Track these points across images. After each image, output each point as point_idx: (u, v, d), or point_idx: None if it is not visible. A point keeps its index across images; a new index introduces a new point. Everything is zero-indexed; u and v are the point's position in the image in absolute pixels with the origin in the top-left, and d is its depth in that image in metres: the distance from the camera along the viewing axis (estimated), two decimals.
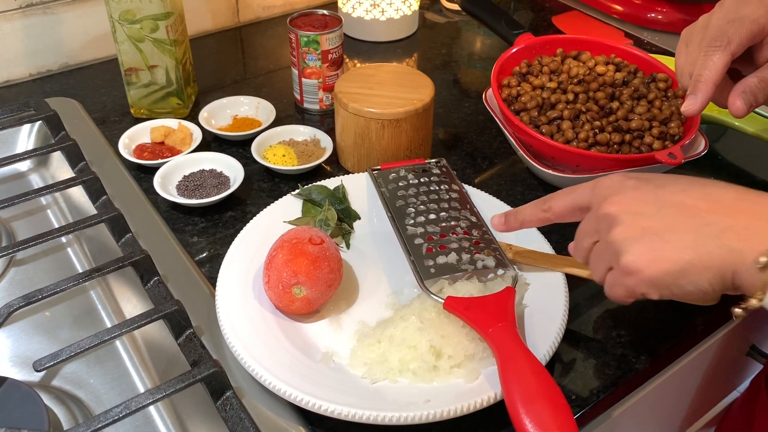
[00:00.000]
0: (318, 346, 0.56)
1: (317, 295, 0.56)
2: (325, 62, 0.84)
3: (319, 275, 0.56)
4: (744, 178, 0.78)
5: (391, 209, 0.63)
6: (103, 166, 0.76)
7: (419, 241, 0.60)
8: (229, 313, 0.56)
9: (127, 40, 0.79)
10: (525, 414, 0.45)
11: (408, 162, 0.70)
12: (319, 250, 0.57)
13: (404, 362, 0.53)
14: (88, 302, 0.66)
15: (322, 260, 0.56)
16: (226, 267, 0.60)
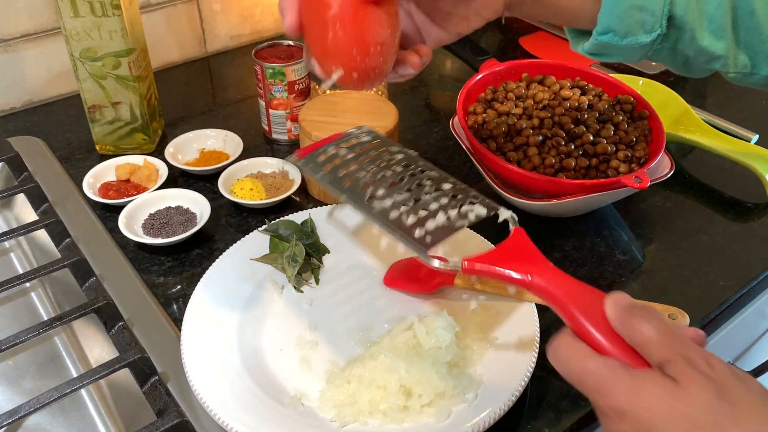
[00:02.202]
0: (287, 388, 0.55)
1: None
2: (291, 93, 0.83)
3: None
4: (711, 196, 0.78)
5: (343, 192, 0.53)
6: (67, 206, 0.75)
7: (395, 213, 0.51)
8: (195, 359, 0.55)
9: (90, 78, 0.78)
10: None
11: (329, 139, 0.59)
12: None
13: (374, 403, 0.52)
14: (53, 348, 0.64)
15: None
16: (191, 311, 0.59)
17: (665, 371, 0.37)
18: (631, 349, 0.38)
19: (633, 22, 0.53)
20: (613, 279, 0.68)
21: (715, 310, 0.64)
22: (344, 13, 0.46)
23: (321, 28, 0.47)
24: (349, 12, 0.46)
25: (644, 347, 0.38)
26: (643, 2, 0.52)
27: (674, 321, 0.54)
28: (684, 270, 0.68)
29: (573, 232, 0.73)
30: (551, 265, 0.45)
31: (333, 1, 0.45)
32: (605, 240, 0.72)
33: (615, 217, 0.75)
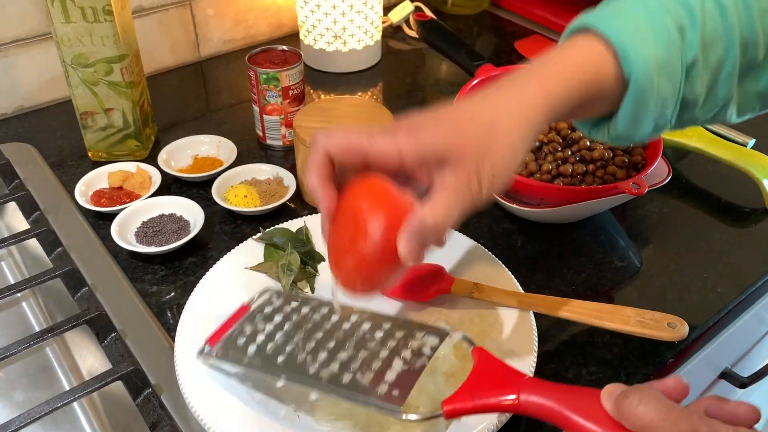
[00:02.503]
0: (283, 400, 0.54)
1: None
2: (286, 98, 0.83)
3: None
4: (709, 201, 0.78)
5: (282, 373, 0.48)
6: (59, 214, 0.74)
7: (347, 377, 0.47)
8: (188, 371, 0.54)
9: (81, 84, 0.77)
10: None
11: (238, 315, 0.55)
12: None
13: (371, 416, 0.51)
14: (44, 360, 0.63)
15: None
16: (185, 321, 0.58)
17: None
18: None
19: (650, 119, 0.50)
20: (611, 286, 0.67)
21: (714, 317, 0.64)
22: (370, 252, 0.43)
23: (344, 247, 0.45)
24: (376, 254, 0.43)
25: (644, 429, 0.36)
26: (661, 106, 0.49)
27: (674, 329, 0.53)
28: (682, 276, 0.68)
29: (570, 239, 0.72)
30: (529, 376, 0.43)
31: (369, 239, 0.43)
32: (603, 246, 0.72)
33: (612, 223, 0.75)
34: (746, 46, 0.49)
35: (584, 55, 0.47)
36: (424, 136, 0.43)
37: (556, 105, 0.46)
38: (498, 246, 0.71)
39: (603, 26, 0.47)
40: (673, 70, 0.47)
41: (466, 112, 0.44)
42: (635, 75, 0.46)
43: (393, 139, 0.43)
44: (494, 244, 0.71)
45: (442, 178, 0.43)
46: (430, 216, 0.42)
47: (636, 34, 0.46)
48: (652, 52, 0.46)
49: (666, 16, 0.47)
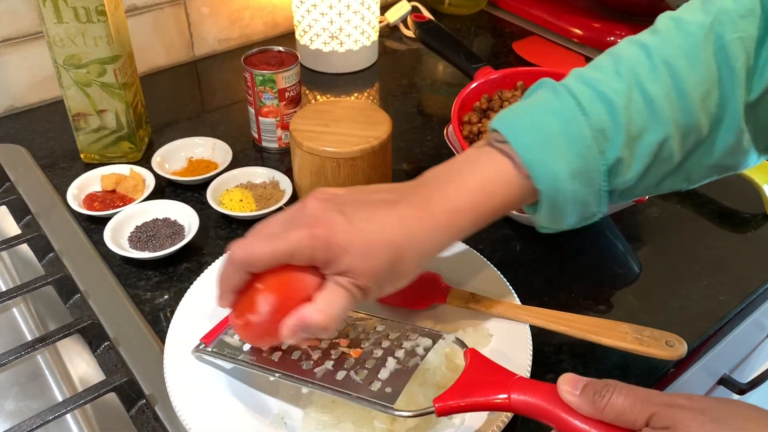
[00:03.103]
0: (270, 406, 0.53)
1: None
2: (282, 101, 0.82)
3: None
4: (708, 207, 0.77)
5: (276, 371, 0.50)
6: (51, 218, 0.72)
7: (341, 374, 0.48)
8: (177, 375, 0.53)
9: (74, 85, 0.76)
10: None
11: (226, 320, 0.56)
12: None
13: (359, 425, 0.50)
14: (35, 367, 0.62)
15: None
16: (176, 325, 0.57)
17: (654, 426, 0.37)
18: (617, 427, 0.39)
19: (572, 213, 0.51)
20: (610, 293, 0.67)
21: (715, 325, 0.63)
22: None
23: (240, 310, 0.47)
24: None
25: (623, 416, 0.38)
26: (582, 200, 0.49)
27: (672, 348, 0.53)
28: (682, 284, 0.67)
29: (569, 245, 0.72)
30: (520, 376, 0.45)
31: (257, 313, 0.46)
32: (602, 253, 0.71)
33: (611, 229, 0.74)
34: (686, 132, 0.49)
35: (494, 179, 0.49)
36: (337, 255, 0.44)
37: (460, 234, 0.49)
38: (496, 251, 0.70)
39: (515, 140, 0.48)
40: (591, 174, 0.48)
41: (375, 229, 0.45)
42: (546, 189, 0.48)
43: (308, 257, 0.45)
44: (493, 250, 0.70)
45: (339, 280, 0.45)
46: (317, 316, 0.44)
47: (546, 148, 0.47)
48: (565, 163, 0.47)
49: (582, 122, 0.48)
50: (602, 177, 0.48)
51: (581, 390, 0.40)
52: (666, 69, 0.48)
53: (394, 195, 0.48)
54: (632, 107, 0.48)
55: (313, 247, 0.44)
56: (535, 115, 0.49)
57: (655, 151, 0.49)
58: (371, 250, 0.45)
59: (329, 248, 0.44)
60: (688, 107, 0.48)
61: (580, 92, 0.49)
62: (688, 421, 0.36)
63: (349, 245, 0.44)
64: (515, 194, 0.49)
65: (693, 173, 0.52)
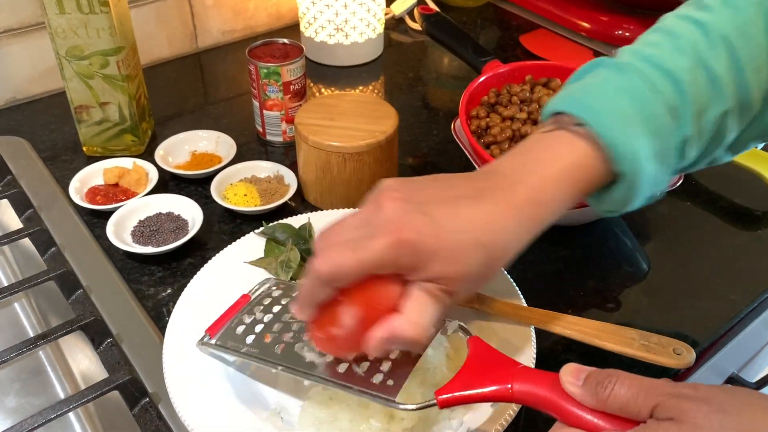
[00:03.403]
0: (268, 401, 0.52)
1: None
2: (287, 94, 0.80)
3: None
4: (719, 204, 0.76)
5: (279, 363, 0.49)
6: (53, 211, 0.71)
7: (342, 367, 0.47)
8: (175, 372, 0.52)
9: (76, 77, 0.75)
10: None
11: (237, 306, 0.55)
12: None
13: (355, 423, 0.49)
14: (37, 363, 0.61)
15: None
16: (173, 323, 0.56)
17: (659, 417, 0.36)
18: (621, 418, 0.38)
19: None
20: (619, 292, 0.66)
21: (726, 325, 0.62)
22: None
23: (322, 322, 0.45)
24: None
25: (627, 407, 0.37)
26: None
27: (679, 357, 0.51)
28: (692, 283, 0.66)
29: (577, 242, 0.71)
30: (523, 365, 0.43)
31: (341, 327, 0.44)
32: (611, 250, 0.70)
33: (620, 226, 0.73)
34: (742, 107, 0.48)
35: (577, 164, 0.46)
36: (426, 262, 0.42)
37: (544, 223, 0.46)
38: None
39: (593, 120, 0.45)
40: (666, 155, 0.47)
41: (462, 229, 0.42)
42: (627, 170, 0.45)
43: (395, 265, 0.42)
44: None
45: (428, 288, 0.42)
46: (409, 328, 0.42)
47: (626, 128, 0.45)
48: (644, 144, 0.45)
49: (655, 100, 0.46)
50: (675, 155, 0.47)
51: (584, 380, 0.39)
52: (724, 45, 0.47)
53: (472, 189, 0.45)
54: (698, 84, 0.47)
55: (401, 255, 0.41)
56: (607, 95, 0.46)
57: (717, 127, 0.48)
58: (461, 254, 0.42)
59: (417, 254, 0.41)
60: (744, 83, 0.48)
61: (646, 70, 0.47)
62: (693, 411, 0.35)
63: (439, 250, 0.41)
64: (596, 179, 0.46)
65: (740, 145, 0.52)
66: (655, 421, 0.36)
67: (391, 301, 0.42)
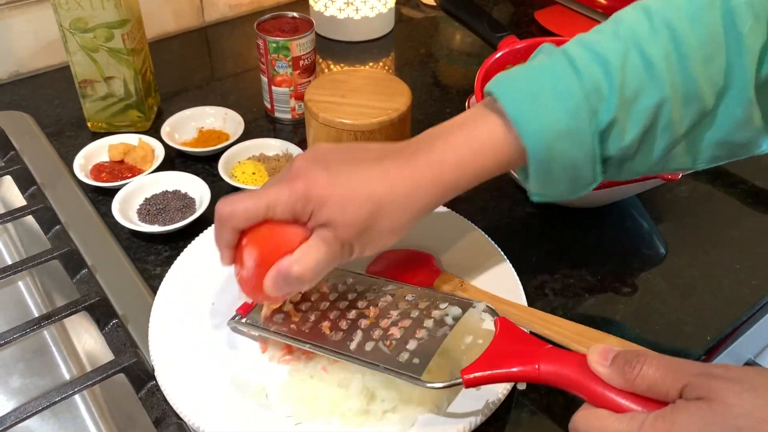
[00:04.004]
0: (252, 378, 0.51)
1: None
2: (296, 69, 0.78)
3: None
4: (740, 187, 0.74)
5: (307, 342, 0.50)
6: (57, 188, 0.70)
7: (370, 345, 0.48)
8: (162, 340, 0.52)
9: (80, 50, 0.73)
10: None
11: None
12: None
13: (333, 403, 0.48)
14: (41, 343, 0.61)
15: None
16: (164, 291, 0.56)
17: (688, 397, 0.35)
18: (649, 399, 0.37)
19: (566, 183, 0.49)
20: (637, 276, 0.64)
21: (747, 311, 0.61)
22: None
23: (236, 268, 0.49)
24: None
25: (655, 388, 0.37)
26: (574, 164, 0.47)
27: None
28: (713, 268, 0.64)
29: (595, 225, 0.69)
30: (548, 344, 0.43)
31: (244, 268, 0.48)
32: (629, 233, 0.68)
33: (638, 208, 0.71)
34: (686, 98, 0.46)
35: (483, 137, 0.48)
36: (317, 207, 0.45)
37: (447, 192, 0.48)
38: (519, 231, 0.68)
39: (503, 96, 0.47)
40: (582, 136, 0.46)
41: (356, 182, 0.46)
42: (531, 146, 0.46)
43: (289, 211, 0.46)
44: (515, 229, 0.68)
45: (321, 233, 0.46)
46: (297, 267, 0.45)
47: (534, 103, 0.46)
48: (552, 121, 0.45)
49: (573, 79, 0.46)
50: (595, 140, 0.46)
51: (612, 360, 0.39)
52: (666, 31, 0.46)
53: (382, 153, 0.48)
54: (628, 68, 0.46)
55: (292, 201, 0.45)
56: (527, 75, 0.48)
57: (652, 115, 0.46)
58: (351, 203, 0.45)
59: (308, 201, 0.45)
60: (688, 71, 0.46)
61: (575, 54, 0.47)
62: (724, 390, 0.34)
63: (328, 197, 0.45)
64: (504, 154, 0.48)
65: (700, 149, 0.49)
66: (684, 401, 0.35)
67: (290, 245, 0.46)
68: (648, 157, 0.48)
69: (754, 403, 0.33)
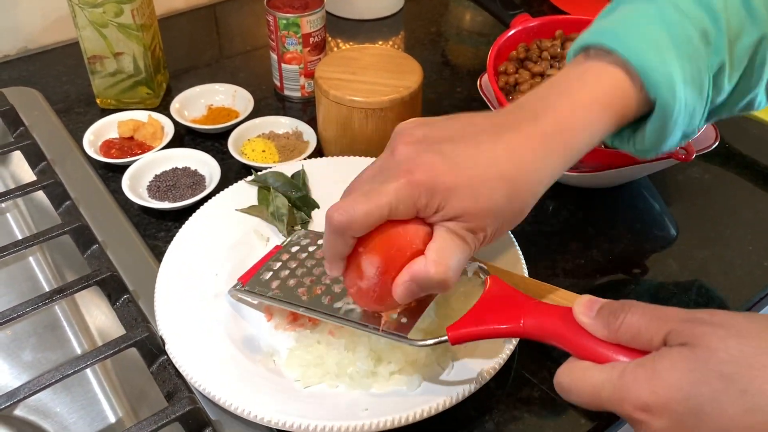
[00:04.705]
0: (261, 344, 0.52)
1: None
2: (306, 46, 0.78)
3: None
4: (754, 168, 0.74)
5: (301, 305, 0.50)
6: (67, 164, 0.70)
7: (360, 309, 0.48)
8: (169, 313, 0.52)
9: (90, 26, 0.72)
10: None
11: (266, 257, 0.56)
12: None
13: (341, 366, 0.49)
14: (52, 318, 0.61)
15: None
16: (169, 261, 0.56)
17: (672, 344, 0.34)
18: (634, 349, 0.36)
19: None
20: (649, 257, 0.64)
21: (760, 293, 0.60)
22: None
23: (351, 277, 0.44)
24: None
25: (639, 336, 0.35)
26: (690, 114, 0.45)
27: None
28: (725, 249, 0.64)
29: (606, 205, 0.68)
30: (534, 299, 0.42)
31: (365, 278, 0.43)
32: (640, 215, 0.68)
33: (650, 189, 0.71)
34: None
35: (609, 92, 0.43)
36: (444, 200, 0.40)
37: (575, 157, 0.44)
38: (530, 211, 0.67)
39: (622, 47, 0.43)
40: (701, 81, 0.44)
41: (482, 164, 0.41)
42: (662, 97, 0.43)
43: (412, 207, 0.41)
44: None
45: (450, 226, 0.41)
46: (437, 270, 0.40)
47: (658, 52, 0.43)
48: (678, 68, 0.43)
49: (686, 24, 0.43)
50: (709, 83, 0.44)
51: (597, 311, 0.37)
52: None
53: (493, 125, 0.43)
54: (730, 8, 0.44)
55: (415, 196, 0.40)
56: (635, 23, 0.44)
57: (751, 54, 0.45)
58: (483, 189, 0.40)
59: (434, 193, 0.40)
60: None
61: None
62: (708, 335, 0.32)
63: (456, 186, 0.40)
64: (631, 106, 0.44)
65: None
66: (668, 348, 0.34)
67: (414, 246, 0.41)
68: (741, 99, 0.47)
69: (739, 348, 0.32)
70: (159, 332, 0.51)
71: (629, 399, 0.34)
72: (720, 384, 0.31)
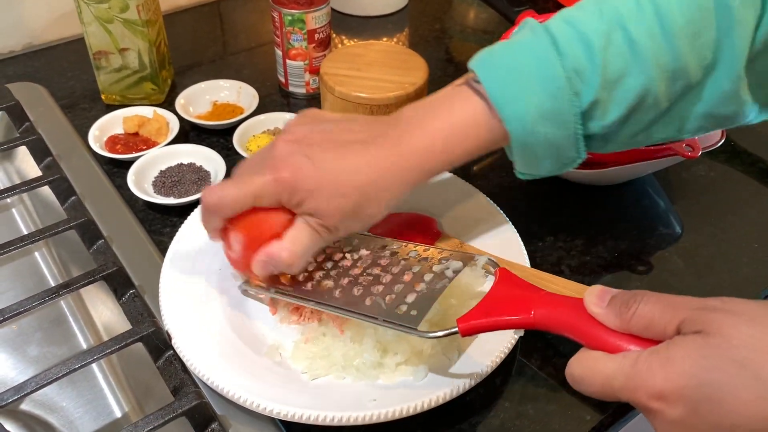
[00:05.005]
0: (266, 337, 0.52)
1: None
2: (311, 43, 0.78)
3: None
4: (758, 165, 0.74)
5: (309, 299, 0.50)
6: (72, 160, 0.70)
7: (369, 300, 0.48)
8: (174, 308, 0.52)
9: (95, 21, 0.72)
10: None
11: None
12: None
13: (348, 358, 0.49)
14: (58, 313, 0.61)
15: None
16: (172, 256, 0.56)
17: (685, 332, 0.34)
18: (647, 339, 0.36)
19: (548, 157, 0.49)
20: (654, 254, 0.64)
21: (765, 290, 0.60)
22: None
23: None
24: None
25: (652, 326, 0.35)
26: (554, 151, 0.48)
27: None
28: (731, 246, 0.64)
29: (611, 202, 0.68)
30: (544, 291, 0.43)
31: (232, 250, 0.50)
32: (645, 212, 0.68)
33: (655, 186, 0.71)
34: (673, 76, 0.46)
35: (469, 120, 0.48)
36: (303, 198, 0.46)
37: (432, 174, 0.49)
38: (535, 208, 0.67)
39: (488, 79, 0.46)
40: (564, 116, 0.46)
41: (342, 172, 0.46)
42: (514, 129, 0.46)
43: (275, 200, 0.47)
44: (530, 205, 0.68)
45: (307, 219, 0.47)
46: (286, 254, 0.47)
47: (516, 87, 0.46)
48: (535, 103, 0.45)
49: (556, 61, 0.45)
50: (577, 120, 0.46)
51: (608, 302, 0.37)
52: (652, 8, 0.45)
53: (368, 135, 0.48)
54: (611, 48, 0.45)
55: (279, 191, 0.46)
56: (510, 54, 0.47)
57: (638, 95, 0.46)
58: (337, 193, 0.46)
59: (295, 192, 0.46)
60: (674, 49, 0.45)
61: (559, 31, 0.46)
62: (720, 322, 0.33)
63: (315, 189, 0.46)
64: (487, 136, 0.48)
65: (685, 121, 0.49)
66: (681, 336, 0.34)
67: (275, 230, 0.48)
68: (633, 131, 0.48)
69: (752, 334, 0.32)
70: (165, 327, 0.51)
71: (643, 387, 0.34)
72: (733, 370, 0.32)
